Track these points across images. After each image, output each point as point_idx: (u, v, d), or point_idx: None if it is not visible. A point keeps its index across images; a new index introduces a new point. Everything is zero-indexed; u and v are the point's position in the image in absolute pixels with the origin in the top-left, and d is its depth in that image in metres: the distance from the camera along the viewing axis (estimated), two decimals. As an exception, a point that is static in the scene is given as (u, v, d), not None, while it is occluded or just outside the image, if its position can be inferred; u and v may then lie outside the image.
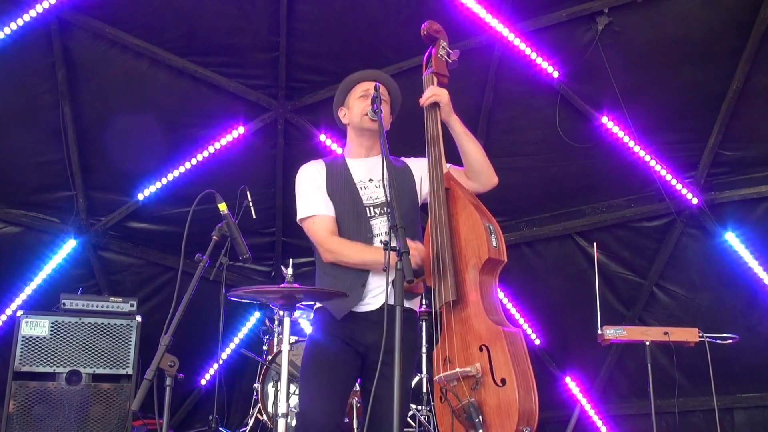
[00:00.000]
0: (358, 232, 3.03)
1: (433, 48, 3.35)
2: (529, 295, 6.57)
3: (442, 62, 3.33)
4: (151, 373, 2.68)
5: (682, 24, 5.34)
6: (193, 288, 2.91)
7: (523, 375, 2.87)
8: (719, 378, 4.72)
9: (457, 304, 2.98)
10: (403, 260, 2.50)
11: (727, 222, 5.91)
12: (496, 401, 2.82)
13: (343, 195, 3.07)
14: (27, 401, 4.91)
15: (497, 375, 2.85)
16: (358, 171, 3.14)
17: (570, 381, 6.48)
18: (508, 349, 2.87)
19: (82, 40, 5.48)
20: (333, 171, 3.13)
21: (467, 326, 2.96)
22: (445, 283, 2.96)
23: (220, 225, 3.12)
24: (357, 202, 3.06)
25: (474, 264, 2.98)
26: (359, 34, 5.68)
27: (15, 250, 6.04)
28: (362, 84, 3.19)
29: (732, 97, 5.51)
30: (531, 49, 5.61)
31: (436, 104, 3.17)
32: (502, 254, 3.04)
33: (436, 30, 3.35)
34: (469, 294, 2.98)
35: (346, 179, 3.11)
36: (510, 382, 2.81)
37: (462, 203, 3.09)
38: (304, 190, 3.11)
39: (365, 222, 3.04)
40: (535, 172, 6.23)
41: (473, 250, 2.99)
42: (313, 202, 3.07)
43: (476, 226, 3.01)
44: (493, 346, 2.89)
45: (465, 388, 2.89)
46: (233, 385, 6.81)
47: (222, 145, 6.07)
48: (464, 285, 2.99)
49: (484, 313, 2.94)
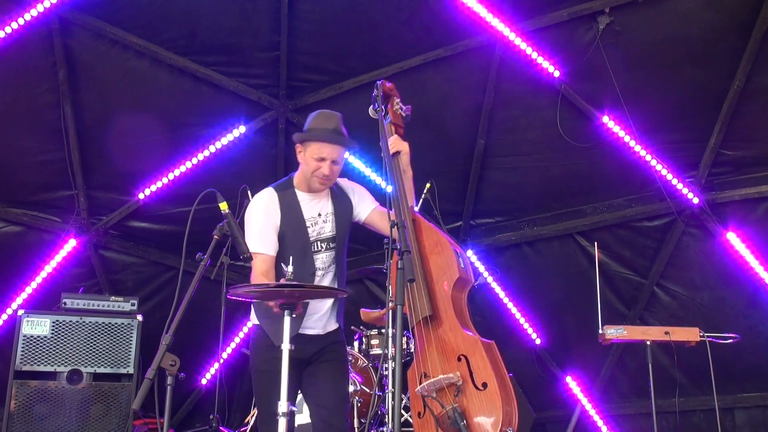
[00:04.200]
0: (301, 267, 3.17)
1: (389, 104, 3.66)
2: (530, 295, 6.56)
3: (398, 116, 3.65)
4: (152, 372, 2.68)
5: (683, 24, 5.34)
6: (194, 287, 2.92)
7: (502, 380, 3.03)
8: (720, 377, 4.73)
9: (432, 320, 3.20)
10: (404, 259, 2.57)
11: (728, 221, 5.91)
12: (479, 405, 2.96)
13: (293, 232, 3.26)
14: (28, 400, 4.91)
15: (478, 380, 3.00)
16: (308, 206, 3.33)
17: (571, 380, 6.48)
18: (487, 356, 3.05)
19: (83, 39, 5.48)
20: (285, 205, 3.29)
21: (443, 340, 3.16)
22: (420, 301, 3.20)
23: (221, 224, 3.12)
24: (305, 239, 3.26)
25: (446, 282, 3.26)
26: (360, 33, 5.69)
27: (16, 249, 6.05)
28: (321, 147, 3.23)
29: (733, 96, 5.51)
30: (532, 49, 5.61)
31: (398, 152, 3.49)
32: (469, 275, 3.37)
33: (389, 89, 3.65)
34: (443, 309, 3.22)
35: (296, 215, 3.29)
36: (491, 384, 2.97)
37: (428, 232, 3.42)
38: (255, 225, 3.27)
39: (310, 258, 3.24)
40: (536, 172, 6.24)
41: (443, 270, 3.30)
42: (260, 240, 3.24)
43: (445, 251, 3.33)
44: (472, 355, 3.06)
45: (448, 395, 3.00)
46: (234, 384, 6.81)
47: (223, 144, 6.07)
48: (438, 302, 3.24)
49: (459, 326, 3.16)
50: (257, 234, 3.25)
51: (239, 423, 6.43)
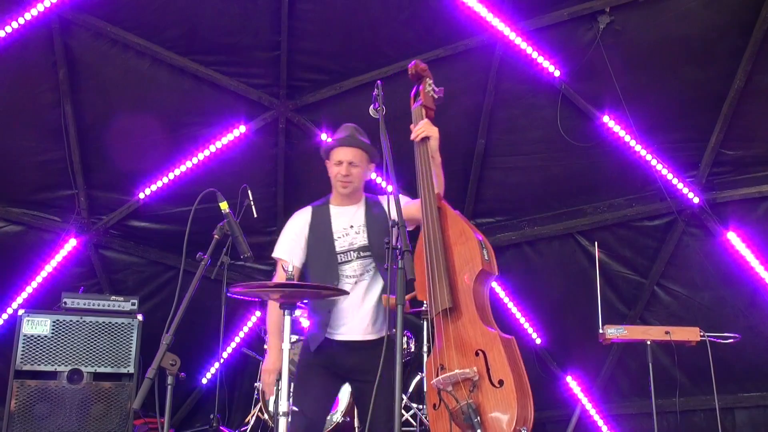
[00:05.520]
0: (326, 276, 3.41)
1: (420, 85, 3.57)
2: (530, 294, 6.57)
3: (430, 97, 3.54)
4: (153, 371, 2.69)
5: (683, 23, 5.34)
6: (195, 287, 2.92)
7: (519, 377, 2.96)
8: (720, 377, 4.73)
9: (452, 312, 3.12)
10: (404, 259, 2.62)
11: (729, 221, 5.90)
12: (494, 402, 2.89)
13: (320, 242, 3.49)
14: (28, 400, 4.91)
15: (494, 377, 2.93)
16: (338, 219, 3.52)
17: (571, 380, 6.48)
18: (504, 353, 2.97)
19: (84, 39, 5.48)
20: (316, 219, 3.56)
21: (462, 332, 3.08)
22: (441, 292, 3.13)
23: (221, 224, 3.13)
24: (330, 251, 3.46)
25: (468, 275, 3.16)
26: (360, 33, 5.68)
27: (16, 248, 6.05)
28: (337, 152, 3.50)
29: (733, 96, 5.51)
30: (532, 48, 5.61)
31: (428, 138, 3.41)
32: (493, 267, 3.28)
33: (422, 69, 3.56)
34: (463, 302, 3.13)
35: (324, 228, 3.51)
36: (508, 383, 2.90)
37: (453, 221, 3.31)
38: (284, 234, 3.59)
39: (335, 266, 3.43)
40: (537, 171, 6.24)
41: (466, 262, 3.19)
42: (284, 247, 3.53)
43: (469, 241, 3.22)
44: (490, 350, 2.99)
45: (463, 390, 2.94)
46: (234, 384, 6.82)
47: (223, 144, 6.07)
48: (458, 294, 3.15)
49: (479, 320, 3.08)
50: (281, 242, 3.55)
51: (239, 423, 6.43)
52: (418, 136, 3.40)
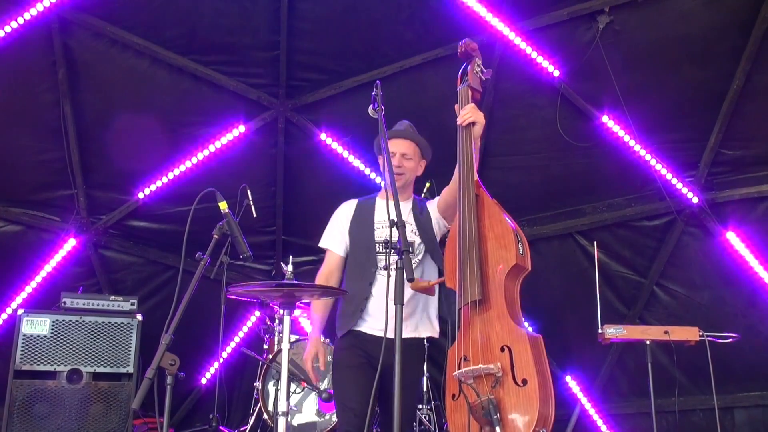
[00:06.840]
0: (365, 263, 3.45)
1: (469, 65, 3.50)
2: (530, 294, 6.52)
3: (477, 78, 3.47)
4: (152, 371, 2.69)
5: (682, 23, 5.34)
6: (194, 287, 2.92)
7: (543, 378, 2.88)
8: (719, 377, 4.72)
9: (480, 304, 3.03)
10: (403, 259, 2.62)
11: (728, 221, 5.91)
12: (515, 401, 2.83)
13: (360, 233, 3.53)
14: (27, 400, 4.91)
15: (518, 375, 2.87)
16: (382, 210, 3.41)
17: (570, 380, 6.49)
18: (531, 352, 2.89)
19: (83, 38, 5.48)
20: (361, 211, 3.60)
21: (490, 326, 3.00)
22: (471, 283, 3.03)
23: (220, 224, 3.13)
24: (369, 240, 3.49)
25: (500, 268, 3.08)
26: (360, 33, 5.68)
27: (15, 248, 6.04)
28: (391, 144, 3.42)
29: (733, 96, 5.51)
30: (532, 48, 5.61)
31: (473, 124, 3.33)
32: (527, 262, 3.19)
33: (473, 48, 3.52)
34: (493, 295, 3.05)
35: (367, 219, 3.55)
36: (531, 383, 2.83)
37: (491, 210, 3.19)
38: (330, 224, 3.66)
39: (372, 256, 3.44)
40: (536, 171, 6.23)
41: (501, 254, 3.11)
42: (330, 237, 3.61)
43: (505, 233, 3.13)
44: (516, 348, 2.91)
45: (485, 385, 2.88)
46: (234, 383, 6.81)
47: (222, 143, 6.07)
48: (489, 286, 3.06)
49: (508, 316, 3.00)
50: (326, 233, 3.63)
51: (239, 422, 6.44)
52: (465, 121, 3.31)
